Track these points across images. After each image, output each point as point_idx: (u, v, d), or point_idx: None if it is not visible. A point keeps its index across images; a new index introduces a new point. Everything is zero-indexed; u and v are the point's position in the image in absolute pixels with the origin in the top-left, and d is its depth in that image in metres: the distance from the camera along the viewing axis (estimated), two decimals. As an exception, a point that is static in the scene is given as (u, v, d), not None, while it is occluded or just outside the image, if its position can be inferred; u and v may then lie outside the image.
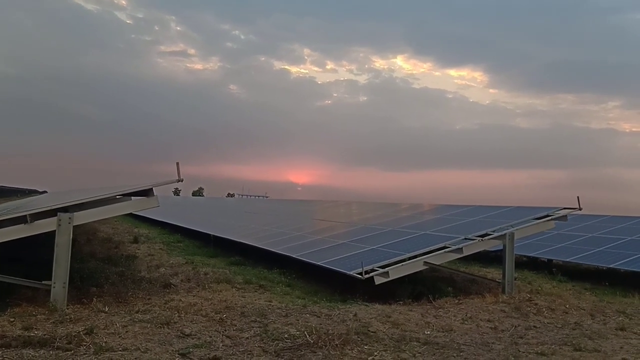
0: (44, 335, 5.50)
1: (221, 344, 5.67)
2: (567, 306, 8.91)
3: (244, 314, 7.11)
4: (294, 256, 11.82)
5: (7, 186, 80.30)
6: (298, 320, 6.88)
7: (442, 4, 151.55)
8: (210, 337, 5.93)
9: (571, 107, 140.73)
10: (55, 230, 7.09)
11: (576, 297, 10.20)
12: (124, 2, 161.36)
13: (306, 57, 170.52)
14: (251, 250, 14.39)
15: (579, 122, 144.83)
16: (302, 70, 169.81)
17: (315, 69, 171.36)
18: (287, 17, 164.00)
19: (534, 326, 7.47)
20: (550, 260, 15.60)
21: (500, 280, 10.21)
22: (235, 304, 7.77)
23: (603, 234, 16.42)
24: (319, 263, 10.61)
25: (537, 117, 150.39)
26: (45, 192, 69.52)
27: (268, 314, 7.18)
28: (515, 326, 7.37)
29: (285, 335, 6.07)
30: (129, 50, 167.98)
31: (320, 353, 5.48)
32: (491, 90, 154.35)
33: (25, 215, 7.05)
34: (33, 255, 9.96)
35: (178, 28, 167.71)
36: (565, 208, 11.08)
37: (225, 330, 6.23)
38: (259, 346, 5.67)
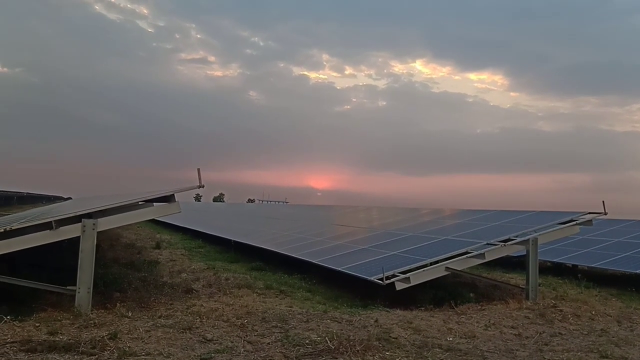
0: (69, 340, 5.57)
1: (242, 350, 5.68)
2: (593, 312, 8.74)
3: (265, 319, 7.12)
4: (314, 261, 11.80)
5: (32, 193, 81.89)
6: (319, 325, 6.87)
7: (460, 6, 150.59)
8: (232, 342, 5.95)
9: (594, 109, 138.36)
10: (79, 236, 7.20)
11: (602, 303, 10.00)
12: (145, 11, 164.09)
13: (325, 63, 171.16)
14: (272, 256, 14.42)
15: (603, 125, 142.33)
16: (321, 76, 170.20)
17: (334, 74, 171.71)
18: (305, 23, 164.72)
19: (559, 333, 7.34)
20: (575, 266, 15.32)
21: (523, 286, 10.06)
22: (256, 309, 7.79)
23: (629, 239, 16.06)
24: (339, 268, 10.58)
25: (560, 120, 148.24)
26: (69, 198, 70.77)
27: (289, 319, 7.18)
28: (540, 333, 7.25)
29: (306, 341, 6.06)
30: (150, 58, 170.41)
31: (341, 359, 5.46)
32: (512, 94, 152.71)
33: (51, 222, 7.17)
34: (57, 261, 10.12)
35: (198, 36, 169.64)
36: (590, 212, 10.88)
37: (247, 336, 6.25)
38: (280, 352, 5.67)
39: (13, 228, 6.92)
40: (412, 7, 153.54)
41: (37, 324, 6.18)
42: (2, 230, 6.84)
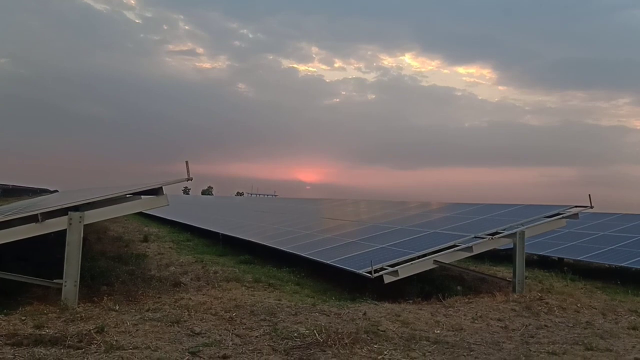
0: (55, 333, 5.53)
1: (231, 343, 5.68)
2: (579, 305, 8.83)
3: (253, 312, 7.12)
4: (303, 255, 11.82)
5: (18, 185, 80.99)
6: (307, 319, 6.88)
7: (450, 1, 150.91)
8: (220, 335, 5.94)
9: (581, 104, 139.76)
10: (66, 229, 7.13)
11: (588, 296, 10.11)
12: (132, 1, 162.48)
13: (314, 56, 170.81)
14: (260, 249, 14.41)
15: (590, 119, 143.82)
16: (310, 69, 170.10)
17: (323, 67, 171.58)
18: (294, 15, 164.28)
19: (545, 325, 7.41)
20: (561, 259, 15.49)
21: (510, 279, 10.15)
22: (245, 302, 7.78)
23: (614, 232, 16.27)
24: (328, 262, 10.61)
25: (547, 115, 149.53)
26: (56, 191, 70.05)
27: (277, 312, 7.18)
28: (526, 325, 7.32)
29: (295, 334, 6.07)
30: (138, 49, 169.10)
31: (330, 352, 5.47)
32: (500, 88, 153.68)
33: (37, 214, 7.10)
34: (43, 254, 10.03)
35: (186, 27, 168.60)
36: (576, 206, 10.98)
37: (235, 329, 6.24)
38: (268, 345, 5.67)
39: (-2, 221, 6.85)
40: (402, 1, 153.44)
41: (23, 318, 6.13)
42: (-13, 223, 6.77)
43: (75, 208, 7.31)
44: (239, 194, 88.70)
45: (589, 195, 10.67)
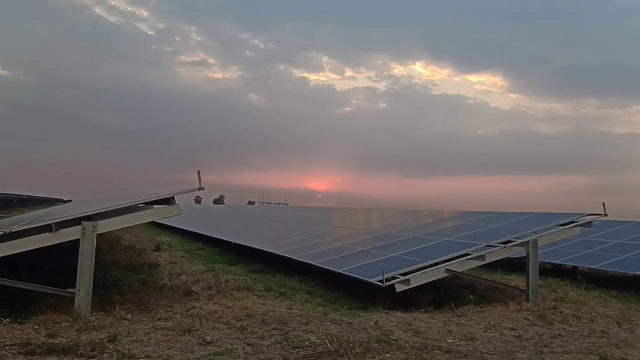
0: (68, 342, 5.56)
1: (242, 352, 5.67)
2: (593, 314, 8.73)
3: (264, 321, 7.11)
4: (314, 264, 11.80)
5: (32, 195, 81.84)
6: (319, 328, 6.86)
7: (459, 9, 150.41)
8: (231, 344, 5.94)
9: (594, 111, 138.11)
10: (79, 239, 7.20)
11: (602, 304, 9.99)
12: (145, 13, 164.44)
13: (325, 65, 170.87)
14: (271, 258, 14.41)
15: (603, 127, 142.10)
16: (321, 78, 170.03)
17: (334, 76, 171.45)
18: (305, 25, 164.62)
19: (559, 334, 7.33)
20: (575, 268, 15.31)
21: (523, 288, 10.05)
22: (256, 311, 7.78)
23: (629, 241, 16.07)
24: (339, 270, 10.58)
25: (560, 122, 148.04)
26: (70, 201, 70.69)
27: (289, 321, 7.17)
28: (540, 335, 7.24)
29: (306, 343, 6.05)
30: (151, 60, 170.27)
31: (341, 361, 5.44)
32: (512, 95, 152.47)
33: (51, 224, 7.17)
34: (57, 263, 10.12)
35: (198, 38, 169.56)
36: (590, 214, 10.88)
37: (246, 338, 6.24)
38: (279, 354, 5.66)
39: (13, 230, 6.92)
40: (412, 9, 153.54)
41: (37, 327, 6.17)
42: (2, 232, 6.85)
43: (88, 218, 7.38)
44: (251, 203, 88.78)
45: (603, 203, 10.59)
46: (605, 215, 10.55)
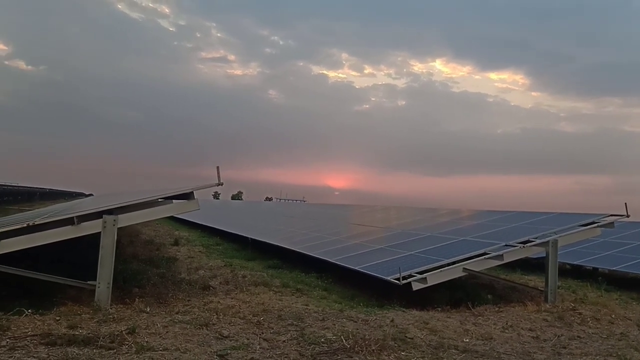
0: (88, 334, 5.66)
1: (258, 347, 5.72)
2: (613, 316, 8.61)
3: (281, 317, 7.15)
4: (331, 260, 11.82)
5: (54, 189, 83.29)
6: (335, 324, 6.88)
7: (480, 6, 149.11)
8: (248, 339, 5.99)
9: (617, 110, 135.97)
10: (100, 232, 7.31)
11: (622, 307, 9.85)
12: (167, 10, 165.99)
13: (344, 62, 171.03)
14: (288, 254, 14.47)
15: (626, 126, 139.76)
16: (340, 75, 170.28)
17: (353, 73, 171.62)
18: (325, 22, 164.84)
19: (578, 336, 7.24)
20: (595, 269, 15.09)
21: (542, 289, 9.95)
22: (273, 307, 7.83)
23: (652, 242, 15.77)
24: (356, 268, 10.58)
25: (582, 121, 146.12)
26: (91, 195, 71.80)
27: (305, 317, 7.20)
28: (558, 336, 7.17)
29: (322, 340, 6.07)
30: (171, 56, 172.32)
31: (357, 358, 5.45)
32: (533, 94, 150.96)
33: (73, 217, 7.30)
34: (77, 256, 10.28)
35: (218, 34, 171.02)
36: (612, 215, 10.71)
37: (263, 333, 6.28)
38: (295, 350, 5.69)
39: (36, 223, 7.06)
40: (432, 6, 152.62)
41: (57, 318, 6.28)
42: (26, 225, 6.99)
43: (110, 212, 7.49)
44: (268, 199, 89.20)
45: (625, 203, 10.41)
46: (628, 216, 10.38)
